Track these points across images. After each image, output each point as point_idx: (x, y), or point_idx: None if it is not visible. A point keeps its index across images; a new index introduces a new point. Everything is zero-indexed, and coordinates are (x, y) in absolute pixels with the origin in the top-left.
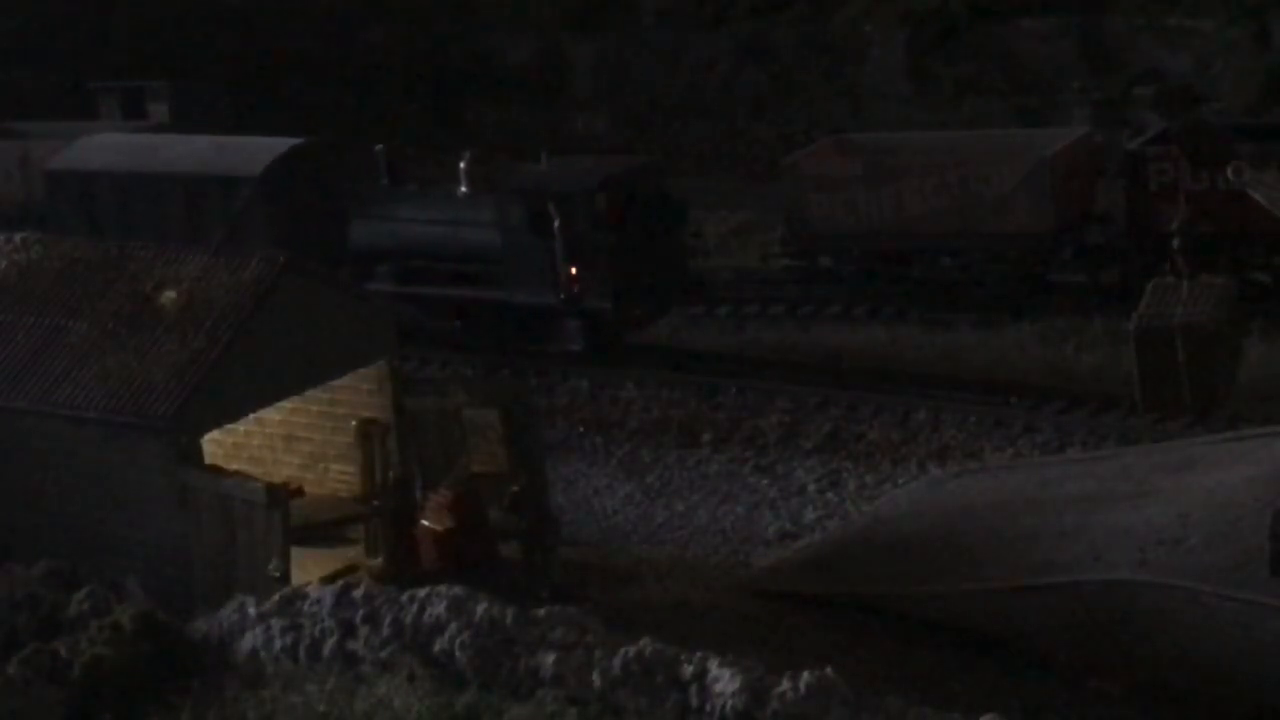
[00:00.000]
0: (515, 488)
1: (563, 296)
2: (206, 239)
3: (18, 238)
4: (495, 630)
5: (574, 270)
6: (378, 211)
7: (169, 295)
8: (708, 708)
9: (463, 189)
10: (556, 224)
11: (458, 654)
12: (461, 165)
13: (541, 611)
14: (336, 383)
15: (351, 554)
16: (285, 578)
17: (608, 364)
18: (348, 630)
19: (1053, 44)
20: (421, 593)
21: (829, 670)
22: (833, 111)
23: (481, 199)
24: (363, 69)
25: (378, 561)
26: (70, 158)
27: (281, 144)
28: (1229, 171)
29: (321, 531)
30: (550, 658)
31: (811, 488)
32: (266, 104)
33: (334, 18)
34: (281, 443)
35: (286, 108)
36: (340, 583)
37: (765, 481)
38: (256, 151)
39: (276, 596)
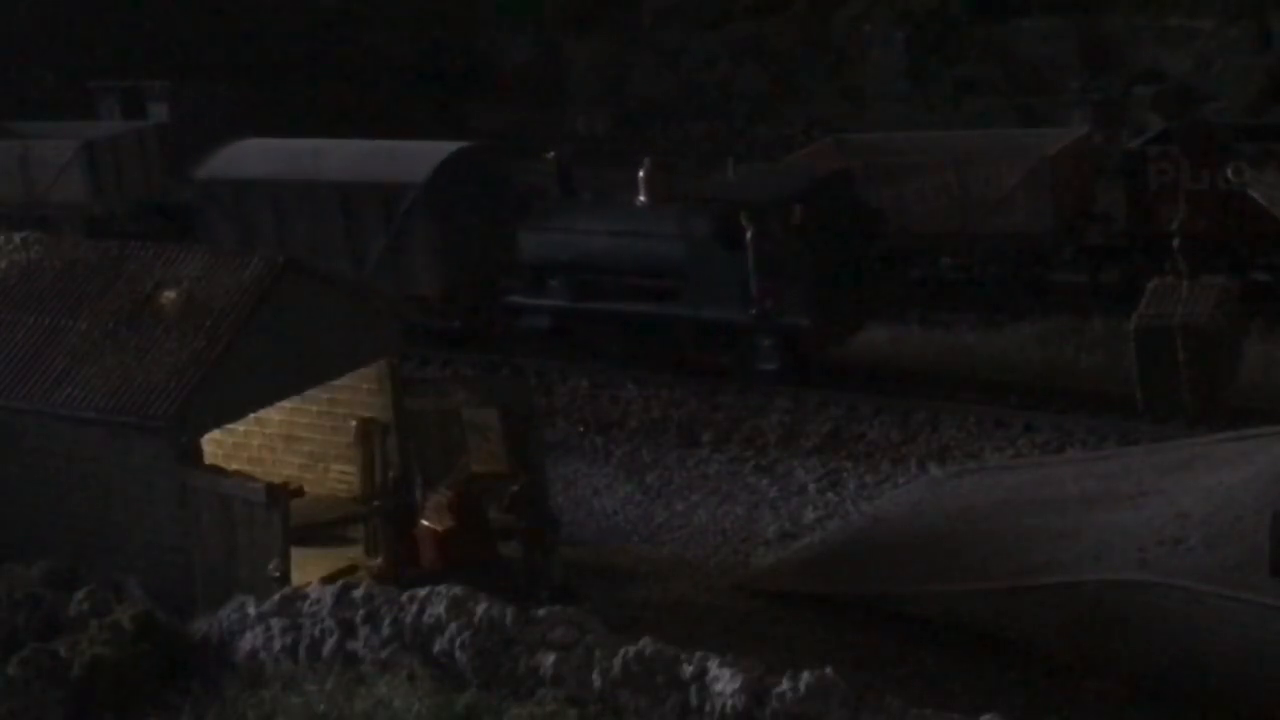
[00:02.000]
0: (515, 488)
1: (755, 313)
2: (365, 249)
3: (18, 238)
4: (495, 630)
5: (768, 285)
6: (550, 222)
7: (169, 295)
8: (708, 708)
9: (641, 198)
10: (749, 236)
11: (458, 654)
12: (641, 174)
13: (541, 611)
14: (336, 383)
15: (351, 554)
16: (285, 578)
17: (806, 384)
18: (348, 630)
19: (1053, 44)
20: (421, 593)
21: (829, 670)
22: (833, 111)
23: (664, 209)
24: (363, 69)
25: (378, 561)
26: (220, 165)
27: (445, 148)
28: (1229, 171)
29: (321, 531)
30: (550, 658)
31: (811, 488)
32: (266, 104)
33: (334, 18)
34: (281, 443)
35: (286, 107)
36: (340, 583)
37: (765, 481)
38: (419, 157)
39: (276, 596)
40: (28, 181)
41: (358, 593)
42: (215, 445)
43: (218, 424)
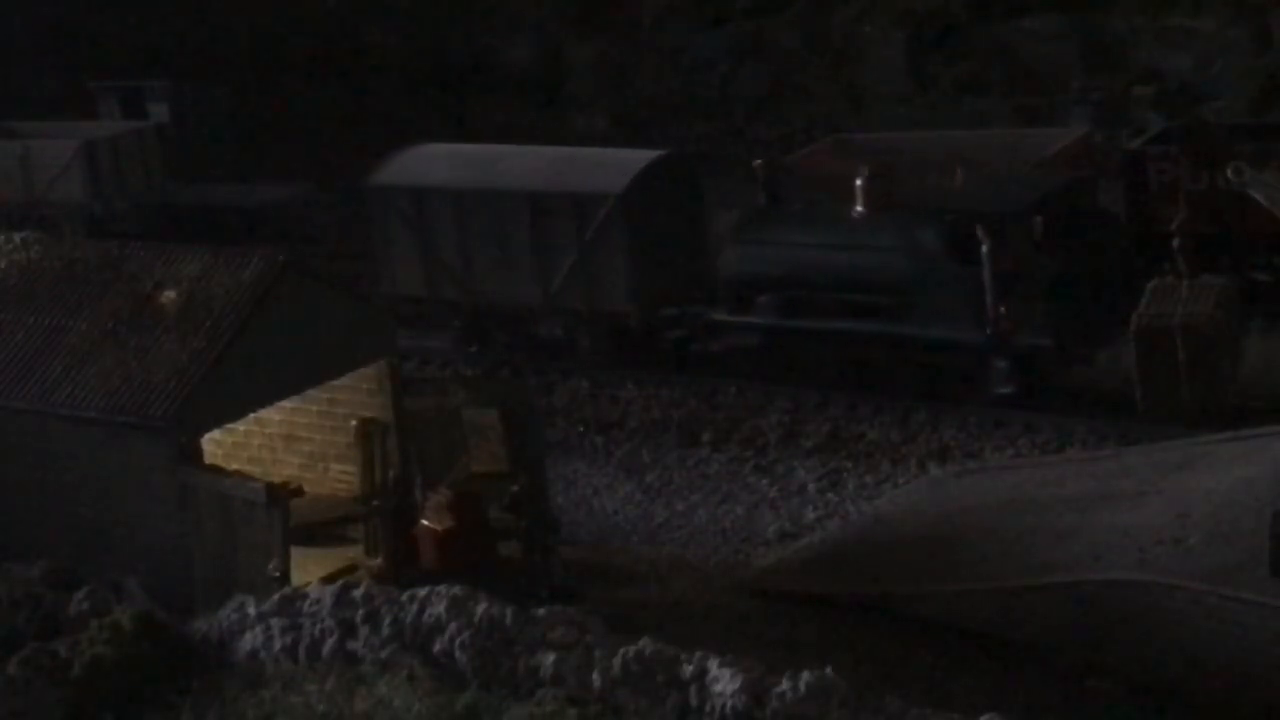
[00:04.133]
0: (515, 488)
1: (990, 333)
2: (554, 262)
3: (18, 237)
4: (495, 630)
5: (1006, 302)
6: (756, 235)
7: (169, 295)
8: (708, 708)
9: (859, 208)
10: (985, 250)
11: (458, 654)
12: (858, 182)
13: (541, 611)
14: (336, 383)
15: (351, 554)
16: (285, 578)
17: (1043, 409)
18: (348, 630)
19: (1053, 44)
20: (421, 593)
21: (829, 670)
22: (833, 111)
23: (884, 220)
24: (363, 69)
25: (378, 561)
26: (397, 170)
27: (642, 157)
28: (1229, 171)
29: (321, 531)
30: (550, 658)
31: (811, 488)
32: (266, 104)
33: (334, 17)
34: (281, 443)
35: (286, 107)
36: (340, 583)
37: (765, 481)
38: (615, 166)
39: (276, 596)
40: (28, 181)
41: (358, 593)
42: (215, 445)
43: (218, 424)
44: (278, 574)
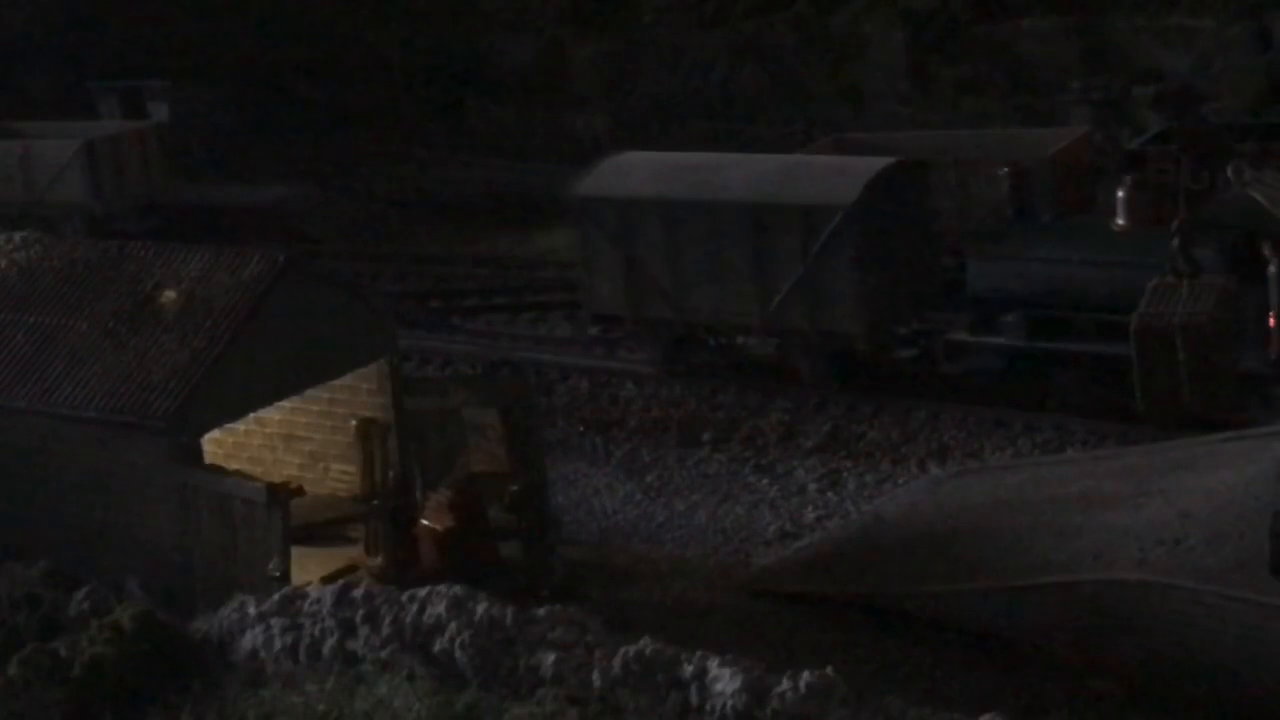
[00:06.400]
0: (515, 488)
1: (1276, 358)
2: (776, 278)
3: (18, 237)
4: (495, 630)
5: None
6: (1002, 249)
7: (169, 295)
8: (708, 707)
9: (1120, 222)
10: (1273, 269)
11: (458, 654)
12: (1120, 194)
13: (541, 611)
14: (336, 383)
15: (351, 554)
16: (285, 578)
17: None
18: (348, 630)
19: (1053, 44)
20: (421, 593)
21: (829, 670)
22: (833, 111)
23: (1150, 235)
24: (363, 69)
25: (378, 561)
26: (603, 181)
27: (872, 165)
28: (1229, 171)
29: (321, 531)
30: (550, 657)
31: (811, 488)
32: (266, 104)
33: (334, 17)
34: (281, 443)
35: (286, 107)
36: (340, 583)
37: (765, 481)
38: (843, 175)
39: (276, 596)
40: (28, 181)
41: (358, 593)
42: (215, 445)
43: (218, 424)
44: (278, 574)
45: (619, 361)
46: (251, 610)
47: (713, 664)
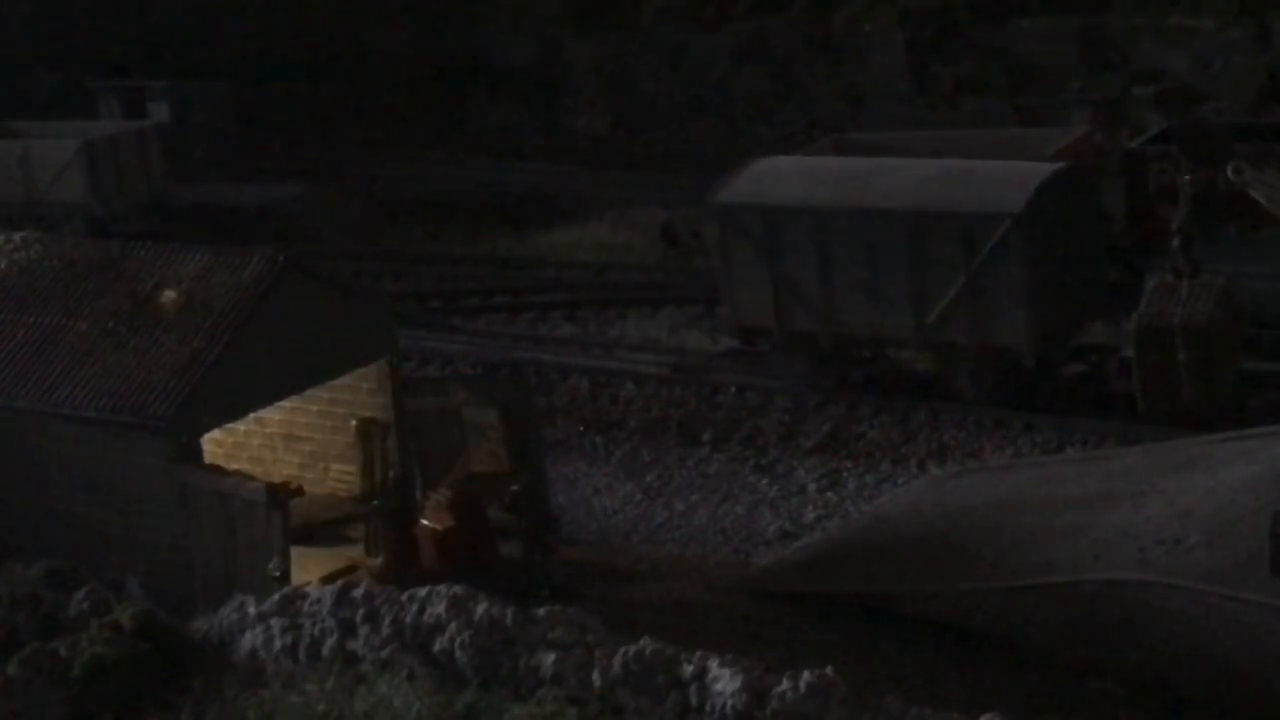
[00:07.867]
0: (515, 488)
1: None
2: (935, 289)
3: (18, 237)
4: (495, 630)
5: None
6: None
7: (169, 295)
8: (708, 707)
9: None
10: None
11: (458, 654)
12: None
13: (541, 611)
14: (336, 383)
15: (351, 554)
16: (285, 578)
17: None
18: (348, 630)
19: (1053, 44)
20: (421, 593)
21: (829, 670)
22: (833, 111)
23: None
24: (363, 69)
25: (378, 561)
26: (746, 187)
27: (1040, 170)
28: (1229, 171)
29: (321, 531)
30: (550, 657)
31: (811, 488)
32: (266, 104)
33: (334, 17)
34: (281, 443)
35: (286, 107)
36: (340, 583)
37: (765, 481)
38: (1008, 181)
39: (276, 596)
40: (28, 181)
41: (358, 593)
42: (215, 445)
43: (218, 424)
44: (278, 574)
45: (619, 361)
46: (251, 610)
47: (713, 664)
